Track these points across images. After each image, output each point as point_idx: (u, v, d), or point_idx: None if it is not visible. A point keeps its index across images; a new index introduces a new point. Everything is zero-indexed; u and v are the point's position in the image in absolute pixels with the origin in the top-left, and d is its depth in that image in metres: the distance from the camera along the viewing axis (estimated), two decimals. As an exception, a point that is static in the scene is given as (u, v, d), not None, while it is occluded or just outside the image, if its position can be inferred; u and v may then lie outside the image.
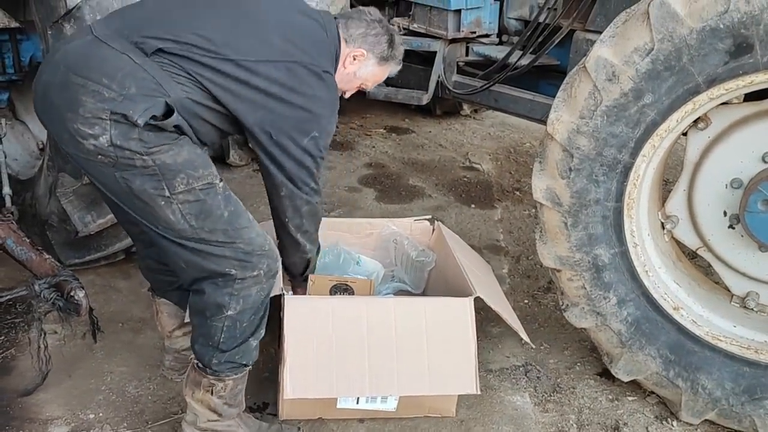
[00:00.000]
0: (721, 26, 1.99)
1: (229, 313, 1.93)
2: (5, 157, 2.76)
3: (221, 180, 1.92)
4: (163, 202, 1.83)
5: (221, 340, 1.96)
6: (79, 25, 2.26)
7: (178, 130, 1.83)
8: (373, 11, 2.23)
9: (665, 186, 3.39)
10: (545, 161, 2.40)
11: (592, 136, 2.26)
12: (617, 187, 2.30)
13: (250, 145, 2.03)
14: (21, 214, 2.78)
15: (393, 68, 2.30)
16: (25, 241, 2.36)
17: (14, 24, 2.65)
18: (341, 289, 2.38)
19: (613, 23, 2.25)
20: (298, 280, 2.39)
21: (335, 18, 2.15)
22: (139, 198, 1.85)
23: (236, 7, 1.94)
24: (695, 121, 2.27)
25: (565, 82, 2.38)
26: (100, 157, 1.78)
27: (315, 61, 1.95)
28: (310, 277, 2.33)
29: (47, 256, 2.32)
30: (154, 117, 1.75)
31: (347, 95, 2.21)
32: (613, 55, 2.19)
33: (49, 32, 2.31)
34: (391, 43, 2.21)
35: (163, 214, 1.85)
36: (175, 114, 1.78)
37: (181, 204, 1.83)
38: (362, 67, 2.17)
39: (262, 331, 2.06)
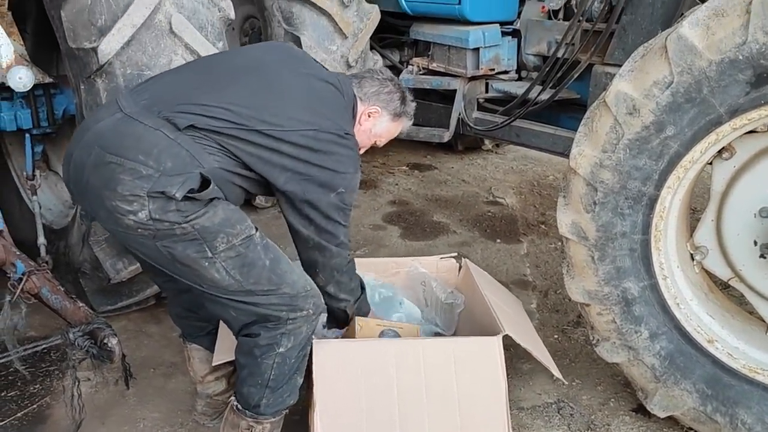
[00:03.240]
0: (740, 57, 1.99)
1: (281, 350, 1.98)
2: (40, 208, 2.83)
3: (257, 229, 1.97)
4: (207, 264, 1.88)
5: (271, 377, 2.00)
6: (111, 79, 2.34)
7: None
8: (385, 71, 2.37)
9: (692, 215, 3.36)
10: (569, 195, 2.40)
11: (616, 170, 2.26)
12: (643, 220, 2.28)
13: (279, 207, 2.10)
14: (55, 262, 2.84)
15: (405, 124, 2.39)
16: (59, 290, 2.41)
17: (48, 79, 2.75)
18: (389, 334, 2.38)
19: (631, 58, 2.27)
20: (341, 326, 2.44)
21: (350, 78, 2.25)
22: (182, 263, 1.91)
23: (258, 77, 2.02)
24: (719, 151, 2.26)
25: (585, 116, 2.39)
26: (139, 230, 1.85)
27: (337, 125, 2.04)
28: (357, 321, 2.34)
29: (81, 304, 2.36)
30: (191, 190, 1.82)
31: (361, 151, 2.27)
32: (632, 89, 2.20)
33: (82, 87, 2.40)
34: (403, 99, 2.30)
35: (208, 275, 1.90)
36: (212, 185, 1.85)
37: (224, 262, 1.88)
38: (377, 123, 2.26)
39: (304, 368, 2.10)
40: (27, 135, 2.89)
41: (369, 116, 2.23)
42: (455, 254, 2.83)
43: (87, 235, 2.67)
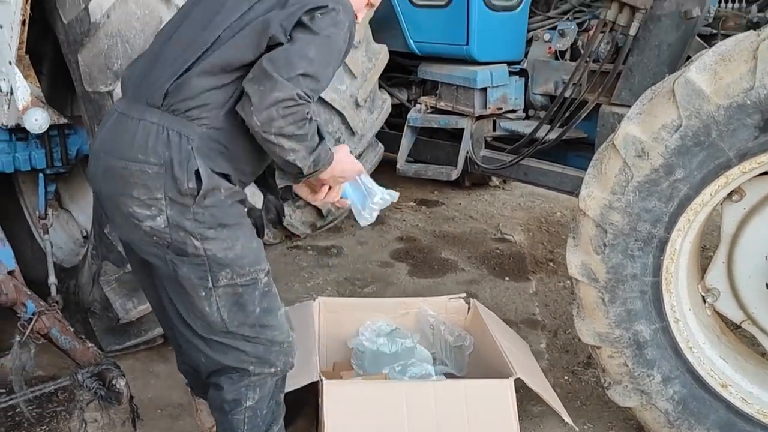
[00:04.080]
0: (748, 102, 2.01)
1: (249, 403, 1.97)
2: (52, 247, 2.85)
3: (267, 274, 1.96)
4: (203, 293, 1.87)
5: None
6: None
7: (226, 179, 1.86)
8: None
9: (703, 252, 3.35)
10: (579, 237, 2.41)
11: (625, 212, 2.27)
12: (654, 262, 2.28)
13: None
14: (65, 301, 2.84)
15: None
16: (69, 330, 2.41)
17: (63, 120, 2.80)
18: None
19: (639, 101, 2.29)
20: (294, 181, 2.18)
21: None
22: (181, 285, 1.90)
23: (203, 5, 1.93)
24: (729, 194, 2.27)
25: (594, 158, 2.41)
26: (155, 238, 1.84)
27: None
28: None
29: (90, 345, 2.36)
30: (197, 174, 1.78)
31: (360, 17, 2.04)
32: (641, 132, 2.22)
33: (97, 128, 2.44)
34: None
35: (200, 305, 1.89)
36: (209, 177, 1.80)
37: (219, 297, 1.88)
38: None
39: (281, 415, 2.07)
40: (41, 174, 2.93)
41: None
42: (464, 295, 2.82)
43: (98, 274, 2.68)
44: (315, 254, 4.28)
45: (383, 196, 2.24)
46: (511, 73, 3.75)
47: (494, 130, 3.90)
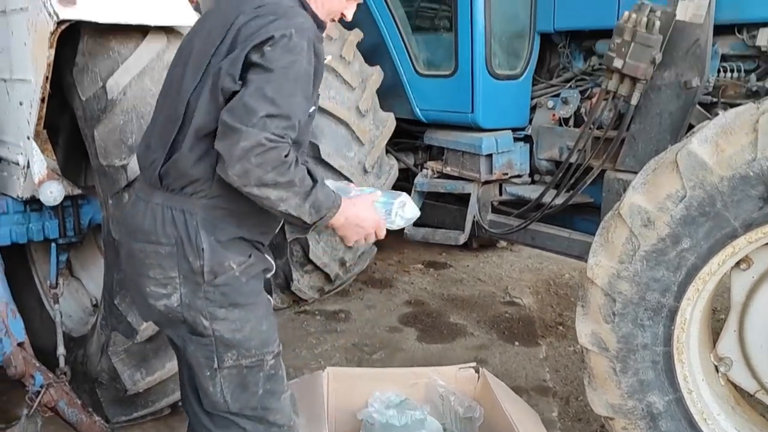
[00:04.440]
0: (751, 174, 2.04)
1: None
2: (61, 317, 2.86)
3: (276, 356, 1.94)
4: (208, 373, 1.88)
5: None
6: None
7: (238, 248, 1.83)
8: None
9: (714, 314, 3.32)
10: (588, 305, 2.40)
11: (633, 281, 2.27)
12: (664, 332, 2.26)
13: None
14: (72, 371, 2.83)
15: None
16: (76, 403, 2.40)
17: (77, 191, 2.85)
18: None
19: (643, 171, 2.32)
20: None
21: None
22: (188, 362, 1.93)
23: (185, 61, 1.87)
24: (737, 263, 2.27)
25: (601, 227, 2.43)
26: (170, 316, 1.87)
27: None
28: None
29: (97, 419, 2.35)
30: (202, 250, 1.78)
31: (348, 16, 1.97)
32: (646, 201, 2.24)
33: (110, 202, 2.49)
34: None
35: (204, 383, 1.89)
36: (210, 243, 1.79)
37: (224, 377, 1.87)
38: None
39: None
40: (53, 244, 2.97)
41: None
42: (474, 365, 2.80)
43: (106, 344, 2.68)
44: (323, 319, 4.27)
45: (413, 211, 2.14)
46: (516, 139, 3.83)
47: (500, 194, 3.96)
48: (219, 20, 1.81)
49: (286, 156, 1.65)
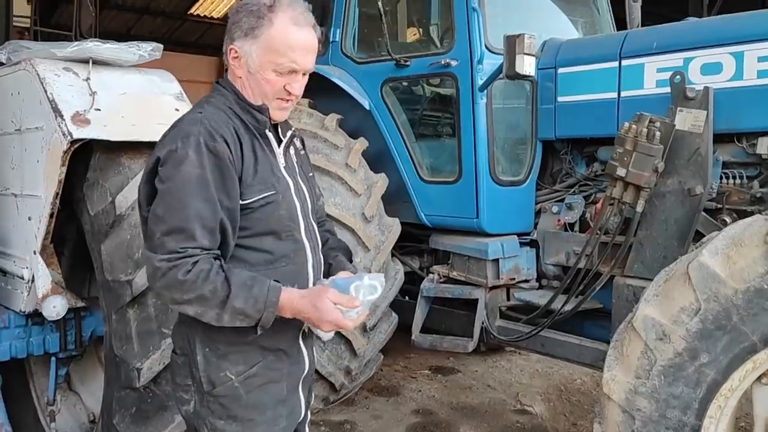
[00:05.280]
0: (765, 287, 2.01)
1: None
2: (56, 436, 2.76)
3: None
4: None
5: None
6: (143, 310, 2.39)
7: (237, 359, 1.78)
8: None
9: (736, 421, 3.17)
10: (605, 422, 2.30)
11: (652, 398, 2.19)
12: (688, 452, 2.16)
13: None
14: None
15: (283, 23, 1.75)
16: None
17: (80, 304, 2.82)
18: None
19: (654, 282, 2.29)
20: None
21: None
22: None
23: None
24: (759, 377, 2.19)
25: (614, 339, 2.37)
26: (190, 423, 1.87)
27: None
28: None
29: None
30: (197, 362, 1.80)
31: (295, 90, 1.81)
32: (660, 314, 2.20)
33: (114, 317, 2.45)
34: (256, 12, 1.76)
35: None
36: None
37: None
38: (245, 59, 1.78)
39: None
40: (53, 358, 2.90)
41: (233, 59, 1.80)
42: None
43: (102, 467, 2.56)
44: (328, 431, 4.10)
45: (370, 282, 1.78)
46: (522, 244, 3.82)
47: (508, 299, 3.90)
48: None
49: (188, 272, 1.61)
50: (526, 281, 3.83)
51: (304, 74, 1.82)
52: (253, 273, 1.72)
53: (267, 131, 1.83)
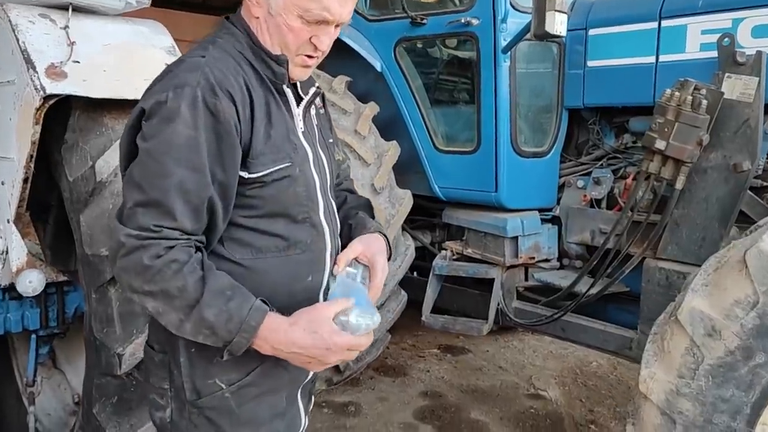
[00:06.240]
0: (840, 280, 1.74)
1: None
2: (36, 422, 2.54)
3: None
4: None
5: None
6: (125, 289, 2.14)
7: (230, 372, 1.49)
8: None
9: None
10: (641, 424, 2.06)
11: (697, 400, 1.94)
12: (737, 463, 1.91)
13: None
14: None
15: None
16: None
17: (62, 278, 2.58)
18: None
19: (702, 270, 2.03)
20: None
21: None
22: None
23: None
24: (819, 381, 1.94)
25: (653, 332, 2.12)
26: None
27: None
28: None
29: None
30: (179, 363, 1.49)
31: (322, 45, 1.49)
32: (709, 307, 1.94)
33: (94, 296, 2.21)
34: None
35: None
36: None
37: None
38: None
39: None
40: (33, 336, 2.67)
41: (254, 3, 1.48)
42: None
43: (83, 457, 2.35)
44: (331, 413, 3.89)
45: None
46: (543, 221, 3.55)
47: (526, 279, 3.64)
48: None
49: (157, 257, 1.30)
50: (547, 260, 3.56)
51: (336, 26, 1.48)
52: (239, 282, 1.38)
53: (285, 87, 1.51)
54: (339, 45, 3.76)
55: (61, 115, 2.25)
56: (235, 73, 1.42)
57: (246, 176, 1.41)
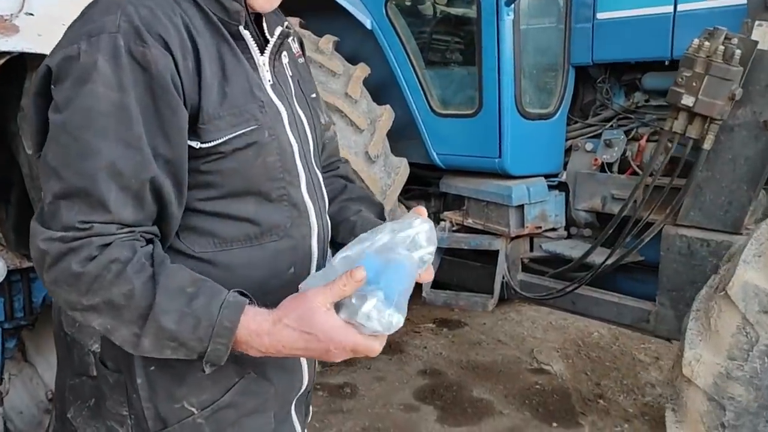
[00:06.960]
0: None
1: None
2: (4, 423, 2.27)
3: None
4: None
5: None
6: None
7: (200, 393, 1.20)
8: None
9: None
10: (683, 410, 1.87)
11: (751, 384, 1.74)
12: (795, 452, 1.73)
13: None
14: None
15: None
16: None
17: (27, 264, 2.30)
18: None
19: (754, 239, 1.82)
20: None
21: None
22: None
23: None
24: None
25: (695, 309, 1.92)
26: None
27: None
28: None
29: None
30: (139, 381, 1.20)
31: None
32: (765, 280, 1.73)
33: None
34: None
35: None
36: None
37: None
38: None
39: None
40: (-3, 329, 2.39)
41: None
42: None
43: (59, 464, 2.09)
44: (326, 395, 3.68)
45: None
46: (550, 187, 3.33)
47: (531, 249, 3.44)
48: None
49: (90, 260, 1.02)
50: (554, 230, 3.35)
51: None
52: (204, 272, 1.10)
53: (242, 29, 1.18)
54: (324, 1, 3.46)
55: (15, 78, 1.94)
56: (171, 12, 1.10)
57: (198, 146, 1.10)
